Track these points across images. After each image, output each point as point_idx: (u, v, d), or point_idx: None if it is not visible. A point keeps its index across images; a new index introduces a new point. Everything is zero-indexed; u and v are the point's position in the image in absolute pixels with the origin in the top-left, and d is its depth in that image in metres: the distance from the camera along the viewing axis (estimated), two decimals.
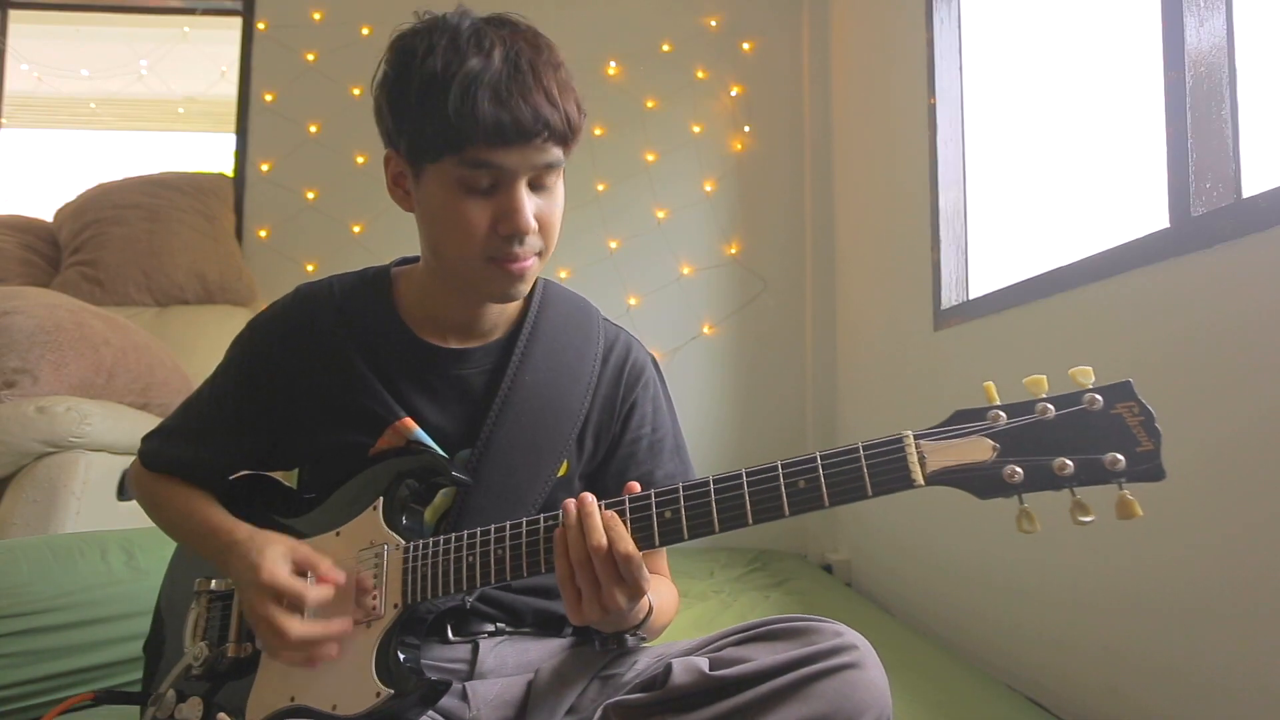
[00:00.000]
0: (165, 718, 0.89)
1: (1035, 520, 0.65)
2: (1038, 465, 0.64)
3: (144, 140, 4.01)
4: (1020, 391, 0.68)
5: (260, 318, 0.97)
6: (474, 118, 0.77)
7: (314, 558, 0.84)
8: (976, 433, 0.67)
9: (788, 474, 0.71)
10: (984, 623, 1.82)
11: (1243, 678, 1.13)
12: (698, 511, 0.73)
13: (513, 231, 0.81)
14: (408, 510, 0.87)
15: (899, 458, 0.67)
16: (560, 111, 0.80)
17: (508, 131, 0.78)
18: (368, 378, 0.90)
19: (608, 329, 1.01)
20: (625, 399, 0.98)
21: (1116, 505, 0.62)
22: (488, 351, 0.94)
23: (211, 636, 0.91)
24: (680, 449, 1.02)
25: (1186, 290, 1.26)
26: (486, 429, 0.90)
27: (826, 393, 3.07)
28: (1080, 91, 1.84)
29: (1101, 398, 0.65)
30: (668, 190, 3.21)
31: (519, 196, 0.81)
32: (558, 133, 0.80)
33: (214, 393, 0.98)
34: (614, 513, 0.75)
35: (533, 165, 0.81)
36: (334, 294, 0.95)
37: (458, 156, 0.79)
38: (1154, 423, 0.63)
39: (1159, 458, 0.62)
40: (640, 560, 0.74)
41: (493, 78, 0.77)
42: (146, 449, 1.01)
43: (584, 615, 0.75)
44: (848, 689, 0.72)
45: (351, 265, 1.00)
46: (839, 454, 0.69)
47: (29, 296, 2.03)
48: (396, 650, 0.81)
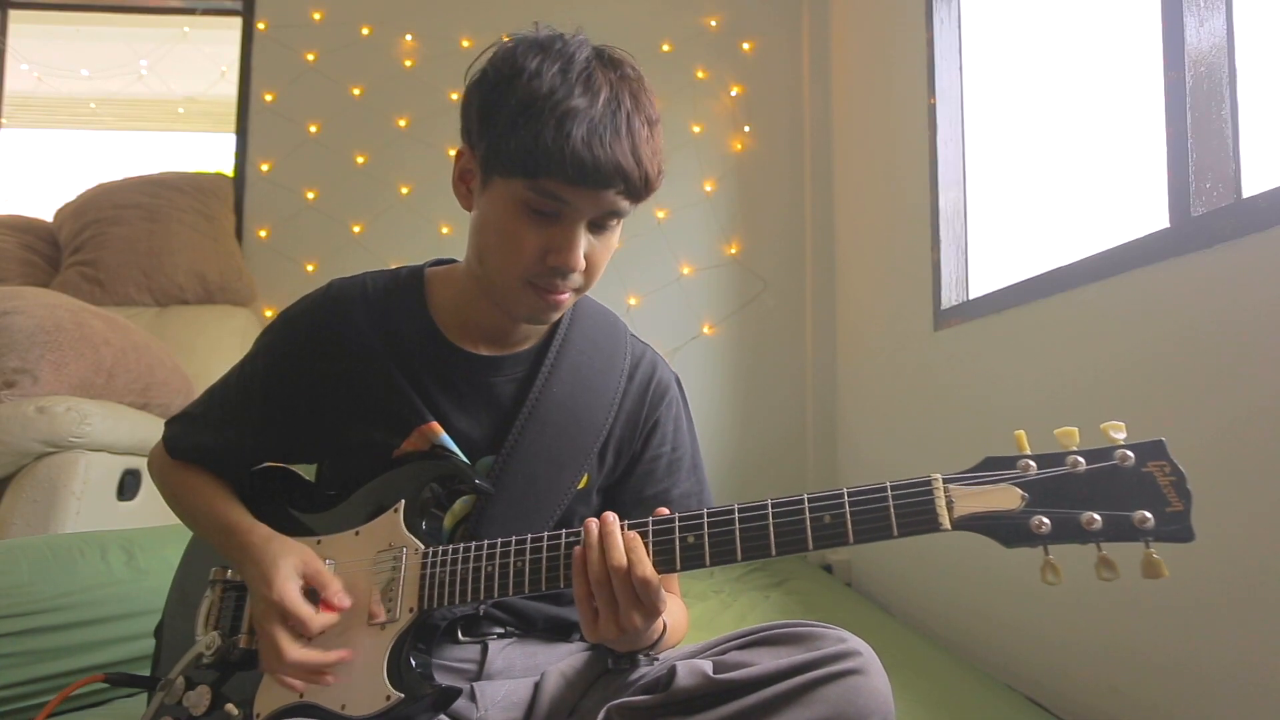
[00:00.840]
0: (174, 704, 0.89)
1: (1060, 573, 0.65)
2: (1066, 518, 0.65)
3: (144, 140, 4.00)
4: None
5: (292, 310, 0.97)
6: (560, 154, 0.76)
7: (325, 577, 0.83)
8: (1006, 481, 0.67)
9: (814, 508, 0.71)
10: (984, 623, 1.82)
11: (1243, 676, 1.13)
12: (721, 539, 0.73)
13: (561, 265, 0.81)
14: (428, 515, 0.87)
15: (927, 500, 0.68)
16: (641, 169, 0.80)
17: (588, 175, 0.77)
18: (397, 379, 0.90)
19: (634, 346, 1.01)
20: (649, 416, 0.98)
21: (1142, 564, 0.62)
22: (517, 361, 0.94)
23: (224, 626, 0.91)
24: (698, 468, 1.02)
25: (1186, 290, 1.26)
26: (512, 438, 0.90)
27: (826, 393, 3.07)
28: (1080, 91, 1.84)
29: (1133, 454, 0.65)
30: (668, 190, 3.20)
31: (576, 234, 0.81)
32: (633, 189, 0.80)
33: (241, 381, 0.97)
34: (636, 534, 0.75)
35: (598, 209, 0.81)
36: (367, 292, 0.95)
37: (532, 181, 0.79)
38: (1185, 484, 0.63)
39: (1189, 519, 0.63)
40: (658, 584, 0.74)
41: (590, 121, 0.77)
42: (170, 434, 1.01)
43: (600, 634, 0.75)
44: (851, 694, 0.72)
45: (351, 266, 1.00)
46: (866, 492, 0.70)
47: (29, 296, 2.03)
48: (409, 655, 0.81)
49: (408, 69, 3.21)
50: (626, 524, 0.76)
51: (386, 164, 3.17)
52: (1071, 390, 1.52)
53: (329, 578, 0.83)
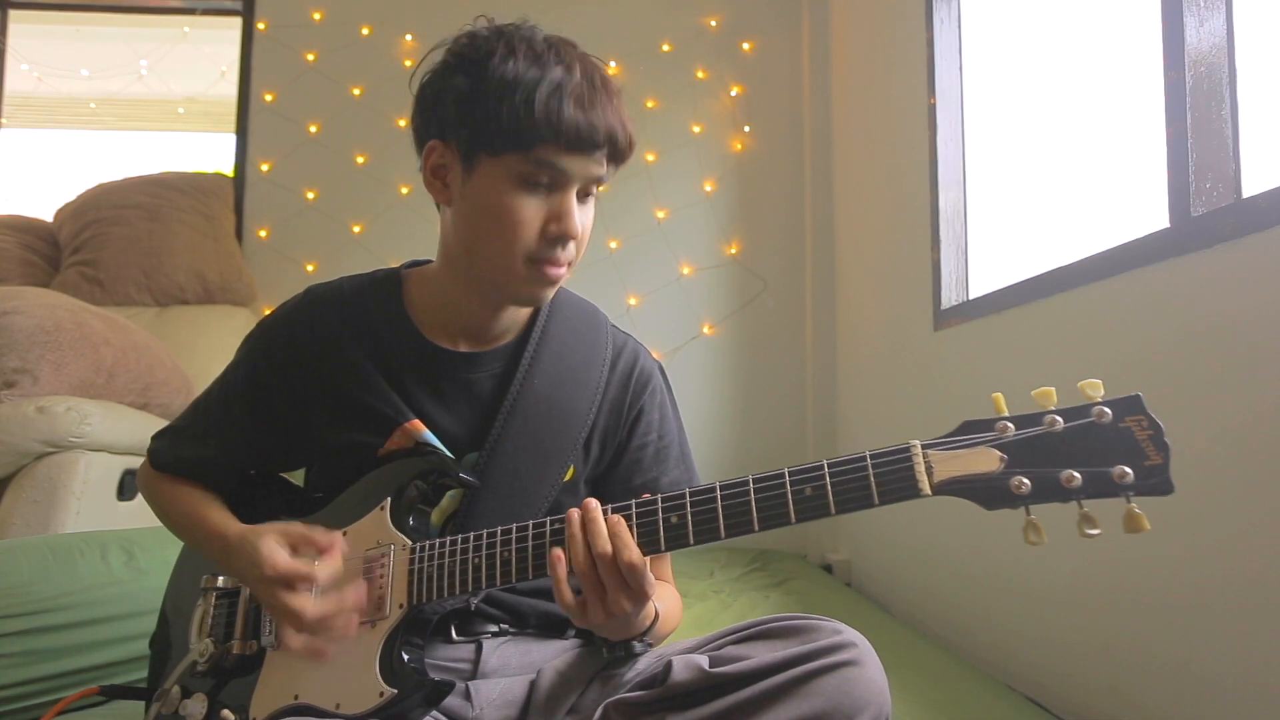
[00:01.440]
0: (170, 714, 0.89)
1: (1042, 532, 0.65)
2: (1045, 477, 0.64)
3: (144, 140, 4.01)
4: (1022, 392, 0.69)
5: (270, 319, 0.97)
6: (553, 121, 0.79)
7: (308, 533, 0.84)
8: (984, 443, 0.67)
9: (794, 481, 0.71)
10: (984, 622, 1.82)
11: (1242, 676, 1.13)
12: (704, 517, 0.73)
13: (562, 233, 0.83)
14: (415, 511, 0.88)
15: (906, 467, 0.68)
16: (625, 132, 0.84)
17: (583, 138, 0.81)
18: (376, 379, 0.91)
19: (616, 335, 1.01)
20: (632, 406, 0.98)
21: (1124, 518, 0.62)
22: (497, 356, 0.94)
23: (217, 633, 0.91)
24: (685, 456, 1.02)
25: (1186, 290, 1.26)
26: (494, 433, 0.90)
27: (826, 392, 3.08)
28: (1080, 91, 1.84)
29: (1110, 411, 0.65)
30: (668, 190, 3.21)
31: (571, 201, 0.83)
32: (619, 150, 0.85)
33: (223, 393, 0.98)
34: (619, 518, 0.75)
35: (587, 175, 0.84)
36: (344, 295, 0.95)
37: (524, 154, 0.81)
38: (1163, 437, 0.63)
39: (1168, 472, 0.62)
40: (644, 566, 0.74)
41: (576, 87, 0.81)
42: (155, 448, 1.02)
43: (588, 619, 0.75)
44: (846, 686, 0.72)
45: (351, 265, 1.01)
46: (846, 462, 0.70)
47: (29, 296, 2.03)
48: (401, 650, 0.81)
49: (408, 69, 3.20)
50: (610, 507, 0.76)
51: (386, 164, 3.17)
52: (1071, 390, 1.52)
53: (311, 530, 0.84)
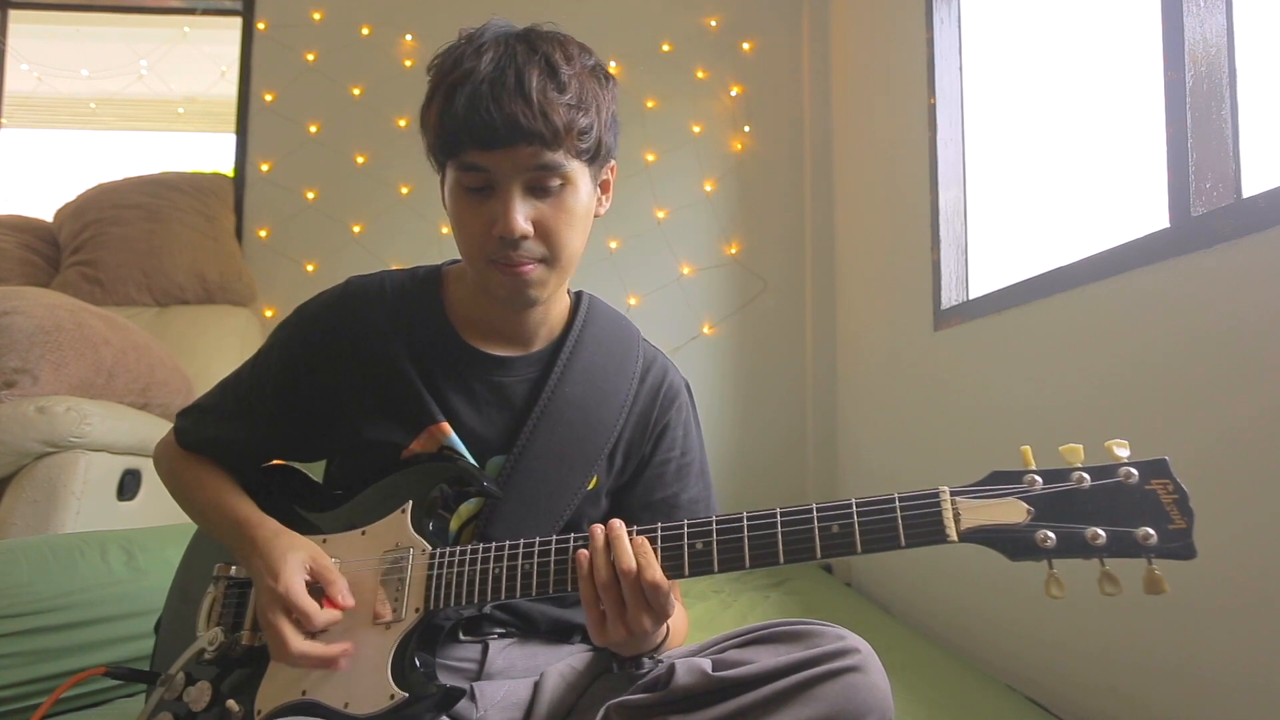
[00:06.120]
0: (173, 699, 0.89)
1: (1064, 587, 0.65)
2: (1070, 533, 0.65)
3: (144, 140, 4.00)
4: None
5: (309, 306, 0.97)
6: (458, 123, 0.79)
7: (332, 574, 0.83)
8: (1012, 494, 0.68)
9: (822, 518, 0.71)
10: (984, 623, 1.82)
11: (1242, 676, 1.13)
12: (729, 546, 0.74)
13: (502, 234, 0.81)
14: (435, 516, 0.88)
15: (934, 513, 0.68)
16: (547, 118, 0.78)
17: (483, 135, 0.79)
18: (411, 377, 0.90)
19: (646, 350, 1.02)
20: (659, 420, 0.98)
21: (1144, 580, 0.63)
22: (530, 361, 0.94)
23: (226, 622, 0.91)
24: (705, 473, 1.03)
25: (1186, 290, 1.26)
26: (523, 438, 0.90)
27: (826, 392, 3.07)
28: (1080, 91, 1.84)
29: (1137, 472, 0.65)
30: (668, 190, 3.21)
31: (510, 201, 0.81)
32: (544, 138, 0.79)
33: (255, 375, 0.97)
34: (644, 539, 0.75)
35: (523, 168, 0.81)
36: (385, 291, 0.95)
37: (456, 160, 0.82)
38: (1187, 502, 0.64)
39: (1190, 536, 0.63)
40: (668, 588, 0.74)
41: (474, 83, 0.79)
42: (181, 425, 1.01)
43: (608, 637, 0.76)
44: (850, 692, 0.72)
45: (351, 266, 1.01)
46: (875, 503, 0.70)
47: (29, 296, 2.03)
48: (414, 655, 0.81)
49: (408, 69, 3.21)
50: (635, 530, 0.77)
51: (386, 164, 3.17)
52: (1071, 390, 1.52)
53: (335, 576, 0.83)
